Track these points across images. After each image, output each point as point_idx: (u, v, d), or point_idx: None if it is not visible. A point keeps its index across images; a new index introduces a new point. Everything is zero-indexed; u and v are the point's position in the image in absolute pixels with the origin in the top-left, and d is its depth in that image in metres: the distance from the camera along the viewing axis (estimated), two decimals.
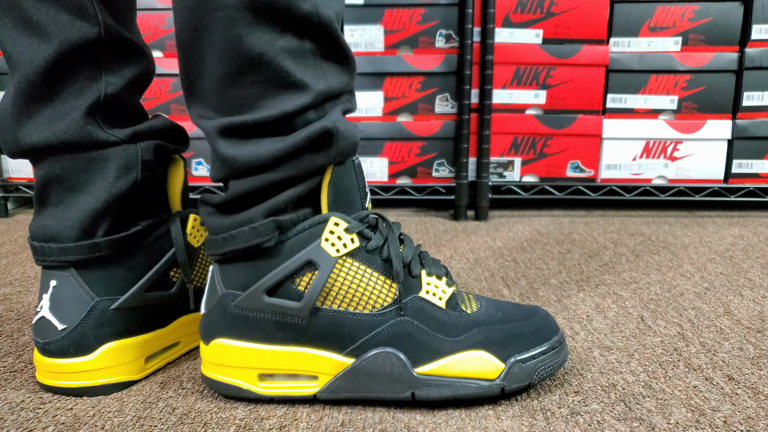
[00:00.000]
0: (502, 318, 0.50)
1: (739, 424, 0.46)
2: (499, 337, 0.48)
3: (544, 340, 0.49)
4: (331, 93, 0.46)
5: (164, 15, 1.24)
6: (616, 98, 1.21)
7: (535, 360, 0.48)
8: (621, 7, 1.18)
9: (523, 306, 0.53)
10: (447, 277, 0.51)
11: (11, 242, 1.02)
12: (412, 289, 0.48)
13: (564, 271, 0.84)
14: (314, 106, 0.46)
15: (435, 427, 0.46)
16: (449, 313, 0.49)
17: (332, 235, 0.46)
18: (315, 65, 0.45)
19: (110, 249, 0.50)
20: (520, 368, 0.48)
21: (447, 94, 1.23)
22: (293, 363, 0.48)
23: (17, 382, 0.53)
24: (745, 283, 0.78)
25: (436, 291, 0.49)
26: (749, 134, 1.20)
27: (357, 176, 0.49)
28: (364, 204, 0.49)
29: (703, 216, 1.20)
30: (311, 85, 0.45)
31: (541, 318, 0.51)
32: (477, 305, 0.51)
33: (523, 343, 0.49)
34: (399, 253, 0.48)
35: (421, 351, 0.47)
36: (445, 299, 0.49)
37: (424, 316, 0.48)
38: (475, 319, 0.49)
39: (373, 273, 0.47)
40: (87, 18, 0.47)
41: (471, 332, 0.48)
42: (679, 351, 0.58)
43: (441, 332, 0.48)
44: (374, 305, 0.47)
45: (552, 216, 1.21)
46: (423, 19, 1.19)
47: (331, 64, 0.46)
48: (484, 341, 0.48)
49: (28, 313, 0.69)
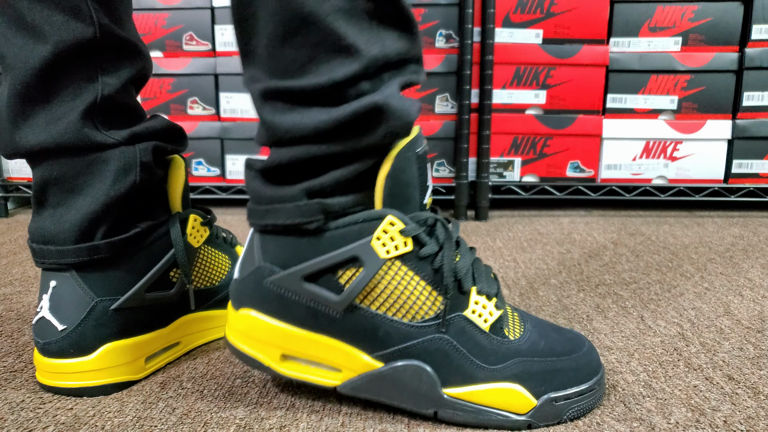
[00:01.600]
0: (544, 349, 0.47)
1: (739, 424, 0.46)
2: (537, 372, 0.46)
3: (583, 380, 0.46)
4: (388, 60, 0.42)
5: (164, 15, 1.24)
6: (616, 98, 1.21)
7: (569, 401, 0.46)
8: (621, 7, 1.18)
9: (568, 334, 0.50)
10: (497, 298, 0.47)
11: (11, 242, 1.02)
12: (459, 306, 0.45)
13: (564, 271, 0.84)
14: (368, 75, 0.41)
15: (435, 427, 0.46)
16: (491, 338, 0.46)
17: (385, 235, 0.43)
18: (370, 28, 0.41)
19: (109, 251, 0.50)
20: (552, 407, 0.45)
21: (447, 94, 1.23)
22: (319, 351, 0.46)
23: (17, 382, 0.53)
24: (745, 283, 0.78)
25: (483, 312, 0.46)
26: (749, 134, 1.20)
27: (419, 170, 0.44)
28: (423, 201, 0.45)
29: (703, 216, 1.20)
30: (363, 50, 0.40)
31: (585, 354, 0.48)
32: (521, 330, 0.48)
33: (561, 380, 0.46)
34: (453, 266, 0.45)
35: (454, 373, 0.45)
36: (490, 322, 0.46)
37: (465, 337, 0.45)
38: (516, 348, 0.46)
39: (421, 281, 0.44)
40: (82, 18, 0.47)
41: (510, 362, 0.45)
42: (679, 351, 0.58)
43: (479, 358, 0.45)
44: (415, 315, 0.45)
45: (552, 216, 1.21)
46: (423, 19, 1.19)
47: (389, 27, 0.42)
48: (521, 374, 0.45)
49: (28, 313, 0.69)
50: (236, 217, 1.23)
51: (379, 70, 0.42)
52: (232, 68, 1.25)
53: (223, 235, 0.61)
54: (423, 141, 0.45)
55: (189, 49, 1.26)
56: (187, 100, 1.28)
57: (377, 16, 0.41)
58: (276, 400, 0.50)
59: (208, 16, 1.24)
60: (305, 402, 0.49)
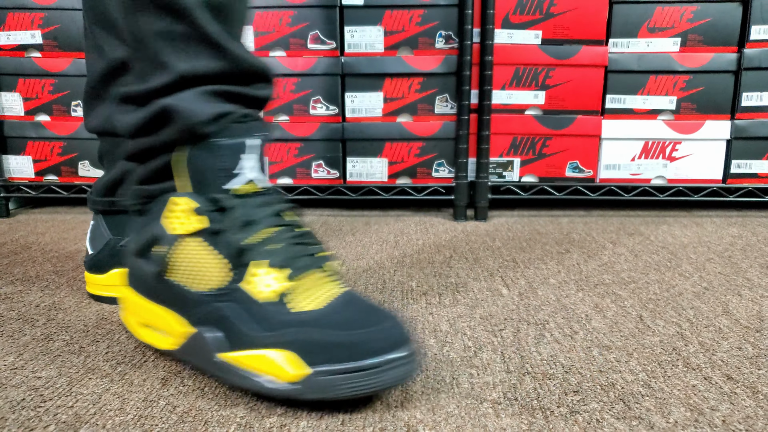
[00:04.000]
0: (332, 323, 0.47)
1: (738, 424, 0.46)
2: (310, 342, 0.46)
3: (358, 357, 0.45)
4: (196, 74, 0.50)
5: None
6: (615, 99, 1.22)
7: (337, 376, 0.45)
8: (620, 8, 1.18)
9: (380, 316, 0.48)
10: (293, 270, 0.49)
11: (12, 242, 1.02)
12: (239, 277, 0.49)
13: (563, 271, 0.84)
14: (175, 86, 0.50)
15: (435, 426, 0.46)
16: (267, 307, 0.48)
17: (173, 214, 0.51)
18: (184, 49, 0.50)
19: (122, 206, 0.68)
20: (321, 380, 0.45)
21: (447, 95, 1.23)
22: (154, 318, 0.55)
23: (18, 380, 0.53)
24: (744, 283, 0.79)
25: (264, 283, 0.48)
26: (748, 134, 1.20)
27: (219, 157, 0.50)
28: (224, 185, 0.51)
29: (701, 216, 1.20)
30: (174, 65, 0.50)
31: (373, 332, 0.46)
32: (323, 304, 0.48)
33: (335, 354, 0.45)
34: (234, 239, 0.49)
35: (234, 339, 0.49)
36: (268, 293, 0.48)
37: (242, 306, 0.49)
38: (299, 319, 0.47)
39: (212, 254, 0.50)
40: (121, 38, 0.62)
41: (284, 330, 0.47)
42: (678, 350, 0.59)
43: (250, 325, 0.48)
44: (208, 284, 0.50)
45: (551, 216, 1.21)
46: (423, 20, 1.20)
47: (199, 48, 0.50)
48: (294, 343, 0.46)
49: (29, 312, 0.69)
50: None
51: (187, 82, 0.50)
52: None
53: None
54: (240, 132, 0.51)
55: None
56: None
57: (189, 39, 0.50)
58: (276, 399, 0.50)
59: None
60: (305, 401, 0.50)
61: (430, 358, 0.57)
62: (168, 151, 0.52)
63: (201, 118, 0.49)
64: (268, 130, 0.54)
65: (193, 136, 0.50)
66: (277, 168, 1.29)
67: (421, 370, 0.49)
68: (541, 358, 0.57)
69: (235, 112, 0.51)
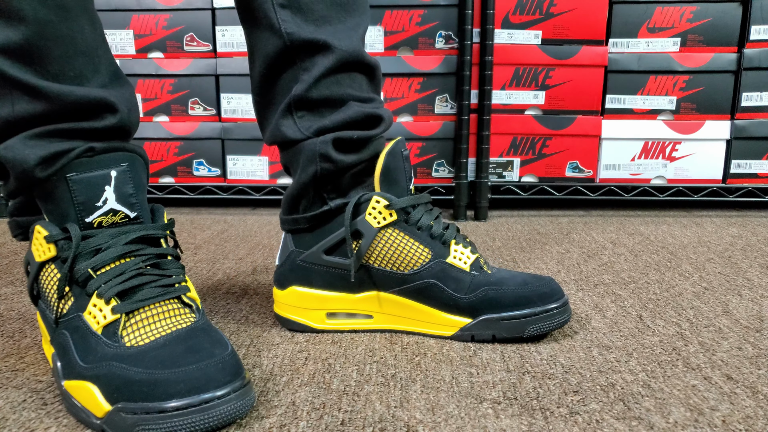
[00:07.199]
0: (148, 358, 0.46)
1: (738, 424, 0.46)
2: (113, 378, 0.45)
3: (157, 398, 0.43)
4: (17, 120, 0.51)
5: (165, 15, 1.25)
6: (615, 99, 1.22)
7: (138, 416, 0.43)
8: (620, 8, 1.18)
9: (209, 352, 0.46)
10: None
11: (12, 242, 1.02)
12: (83, 306, 0.50)
13: (563, 271, 0.84)
14: (1, 134, 0.52)
15: (435, 426, 0.46)
16: (98, 339, 0.48)
17: (37, 241, 0.51)
18: None
19: (306, 222, 0.64)
20: (121, 418, 0.43)
21: (446, 95, 1.23)
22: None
23: (19, 381, 0.53)
24: (744, 283, 0.79)
25: (98, 314, 0.49)
26: (748, 134, 1.20)
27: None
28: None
29: (701, 216, 1.21)
30: None
31: (190, 371, 0.44)
32: (151, 339, 0.48)
33: (135, 392, 0.44)
34: (78, 268, 0.50)
35: (67, 367, 0.49)
36: (98, 325, 0.49)
37: (80, 335, 0.49)
38: (117, 353, 0.47)
39: (61, 282, 0.50)
40: (274, 31, 0.59)
41: (99, 364, 0.47)
42: (678, 350, 0.59)
43: (80, 355, 0.48)
44: (61, 310, 0.51)
45: (551, 216, 1.21)
46: (423, 20, 1.20)
47: (13, 93, 0.51)
48: (101, 377, 0.46)
49: (29, 312, 0.69)
50: (237, 217, 1.23)
51: (12, 128, 0.51)
52: (232, 69, 1.25)
53: (431, 224, 0.62)
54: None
55: (190, 50, 1.26)
56: (188, 101, 1.28)
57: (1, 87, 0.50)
58: (276, 399, 0.50)
59: (208, 17, 1.25)
60: (305, 401, 0.50)
61: (430, 358, 0.57)
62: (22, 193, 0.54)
63: (30, 163, 0.49)
64: (136, 157, 0.53)
65: (30, 181, 0.50)
66: (276, 167, 1.29)
67: (244, 413, 0.44)
68: (540, 357, 0.57)
69: (76, 148, 0.50)
